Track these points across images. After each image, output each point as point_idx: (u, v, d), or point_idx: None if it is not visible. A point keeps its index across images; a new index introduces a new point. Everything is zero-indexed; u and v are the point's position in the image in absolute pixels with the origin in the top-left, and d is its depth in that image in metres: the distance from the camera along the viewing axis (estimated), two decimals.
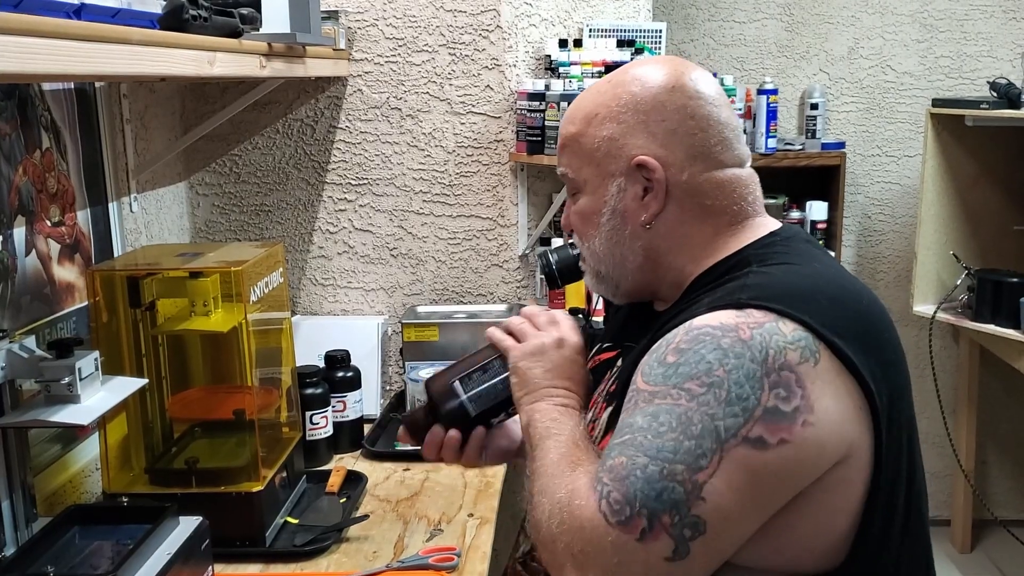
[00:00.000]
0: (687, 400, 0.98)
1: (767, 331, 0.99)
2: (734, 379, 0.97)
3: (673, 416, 0.98)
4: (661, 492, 0.96)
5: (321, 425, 2.13)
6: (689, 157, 1.16)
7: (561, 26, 2.61)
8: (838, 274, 1.13)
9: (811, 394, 0.97)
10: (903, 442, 1.07)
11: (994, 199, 3.32)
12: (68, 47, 1.03)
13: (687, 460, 0.96)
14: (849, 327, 1.03)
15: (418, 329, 2.37)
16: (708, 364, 0.98)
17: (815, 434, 0.97)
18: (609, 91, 1.20)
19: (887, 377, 1.05)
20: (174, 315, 1.80)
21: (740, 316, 1.01)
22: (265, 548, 1.73)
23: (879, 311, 1.12)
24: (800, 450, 0.97)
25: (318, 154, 2.57)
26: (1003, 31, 3.55)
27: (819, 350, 0.99)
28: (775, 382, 0.97)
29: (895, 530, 1.07)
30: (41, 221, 1.75)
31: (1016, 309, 2.93)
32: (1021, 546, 3.45)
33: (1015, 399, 3.70)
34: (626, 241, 1.19)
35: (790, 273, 1.09)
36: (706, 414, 0.97)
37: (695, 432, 0.96)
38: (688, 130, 1.16)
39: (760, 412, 0.96)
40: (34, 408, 1.43)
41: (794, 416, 0.97)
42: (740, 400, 0.96)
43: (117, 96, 2.08)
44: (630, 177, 1.17)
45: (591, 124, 1.19)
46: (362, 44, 2.50)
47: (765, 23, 3.61)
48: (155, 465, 1.80)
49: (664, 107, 1.16)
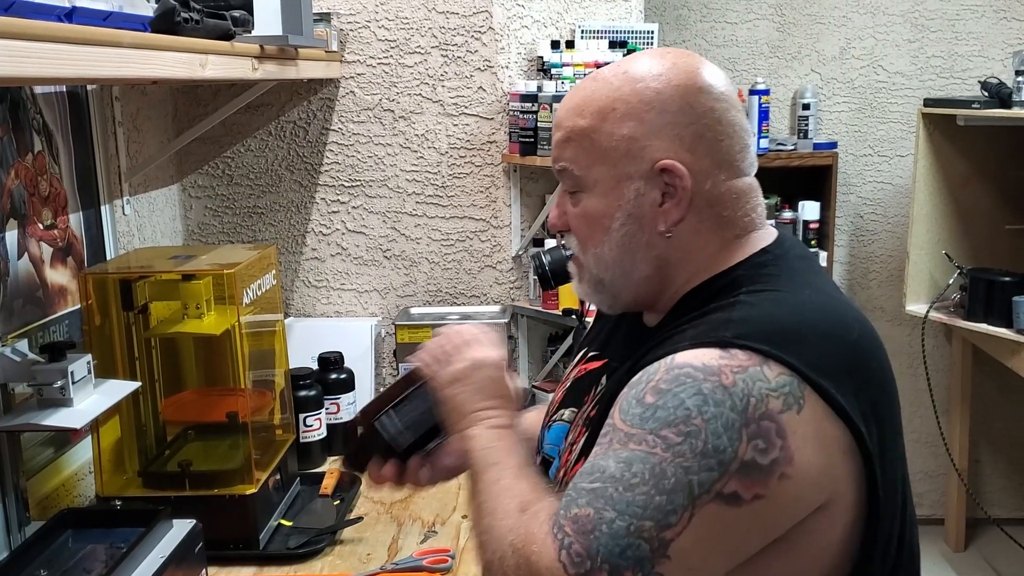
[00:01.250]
0: (662, 450, 0.94)
1: (750, 376, 0.95)
2: (712, 429, 0.93)
3: (647, 467, 0.94)
4: (626, 549, 0.93)
5: (315, 427, 2.13)
6: (715, 164, 1.09)
7: (553, 27, 2.61)
8: (829, 301, 1.08)
9: (791, 444, 0.94)
10: (897, 476, 1.05)
11: (986, 198, 3.33)
12: (59, 50, 1.03)
13: (656, 516, 0.93)
14: (838, 366, 0.99)
15: (412, 331, 2.37)
16: (687, 411, 0.94)
17: (792, 487, 0.94)
18: (627, 86, 1.10)
19: (877, 413, 1.01)
20: (167, 318, 1.79)
21: (724, 358, 0.97)
22: (259, 551, 1.73)
23: (870, 341, 1.06)
24: (774, 504, 0.95)
25: (311, 156, 2.57)
26: (994, 31, 3.56)
27: (804, 395, 0.95)
28: (754, 433, 0.93)
29: (890, 562, 1.05)
30: (33, 224, 1.75)
31: (1008, 308, 2.94)
32: (1015, 544, 3.46)
33: (1008, 398, 3.71)
34: (640, 249, 1.11)
35: (779, 304, 1.04)
36: (680, 466, 0.93)
37: (667, 487, 0.93)
38: (716, 136, 1.09)
39: (736, 466, 0.93)
40: (27, 412, 1.43)
41: (771, 469, 0.93)
42: (717, 452, 0.93)
43: (109, 99, 2.08)
44: (651, 181, 1.09)
45: (607, 120, 1.10)
46: (354, 46, 2.50)
47: (757, 24, 3.62)
48: (148, 468, 1.80)
49: (692, 109, 1.09)
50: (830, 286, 1.13)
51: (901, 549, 1.07)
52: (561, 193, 1.18)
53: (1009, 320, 2.94)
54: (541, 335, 2.69)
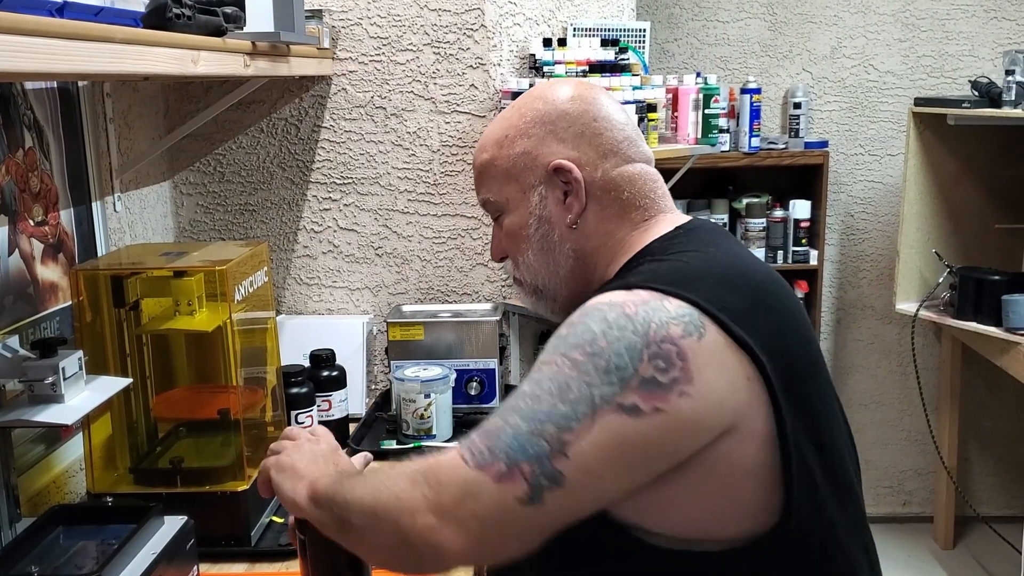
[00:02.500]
0: (569, 368, 1.02)
1: (651, 307, 1.04)
2: (614, 350, 1.01)
3: (554, 383, 1.02)
4: (526, 445, 0.99)
5: (306, 424, 2.13)
6: (600, 155, 1.23)
7: (545, 25, 2.61)
8: (733, 255, 1.18)
9: (692, 367, 1.01)
10: (811, 406, 1.10)
11: (976, 197, 3.35)
12: (50, 45, 1.03)
13: (558, 422, 0.99)
14: (738, 302, 1.07)
15: (403, 328, 2.37)
16: (592, 335, 1.02)
17: (692, 405, 1.00)
18: (514, 114, 1.27)
19: (784, 347, 1.08)
20: (158, 314, 1.79)
21: (628, 295, 1.06)
22: (251, 547, 1.72)
23: (775, 285, 1.16)
24: (675, 419, 1.00)
25: (302, 153, 2.56)
26: (984, 30, 3.58)
27: (704, 325, 1.03)
28: (655, 354, 1.00)
29: (819, 495, 1.08)
30: (24, 220, 1.74)
31: (998, 307, 2.95)
32: (1003, 542, 3.48)
33: (997, 396, 3.73)
34: (556, 246, 1.24)
35: (681, 259, 1.14)
36: (584, 382, 1.00)
37: (571, 398, 1.00)
38: (594, 131, 1.23)
39: (636, 382, 1.00)
40: (17, 408, 1.43)
41: (671, 386, 1.00)
42: (618, 370, 1.00)
43: (100, 95, 2.07)
44: (549, 183, 1.23)
45: (503, 147, 1.25)
46: (346, 43, 2.50)
47: (748, 22, 3.63)
48: (140, 465, 1.79)
49: (568, 114, 1.24)
50: (741, 248, 1.24)
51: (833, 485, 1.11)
52: (494, 227, 1.31)
53: (998, 319, 2.96)
54: (532, 333, 2.70)
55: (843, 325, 3.84)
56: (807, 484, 1.07)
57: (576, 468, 0.99)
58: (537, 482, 0.98)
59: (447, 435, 2.23)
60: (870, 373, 3.84)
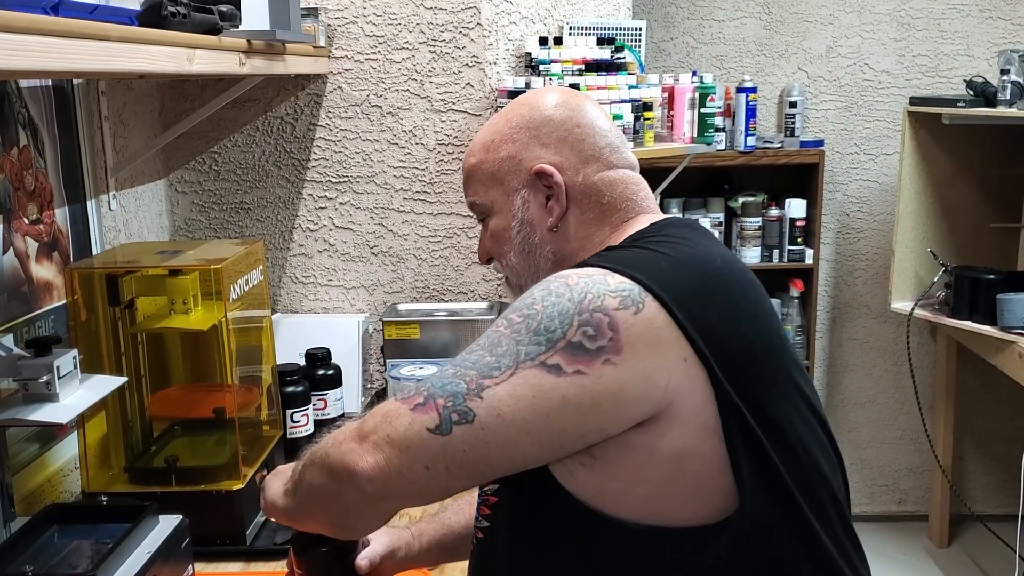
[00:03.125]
0: (504, 328, 1.08)
1: (593, 280, 1.07)
2: (547, 314, 1.06)
3: (488, 339, 1.09)
4: (445, 385, 1.06)
5: (302, 423, 2.13)
6: (581, 160, 1.25)
7: (541, 24, 2.61)
8: (696, 244, 1.18)
9: (622, 338, 1.03)
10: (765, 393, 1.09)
11: (971, 196, 3.35)
12: (45, 43, 1.02)
13: (481, 369, 1.05)
14: (686, 284, 1.09)
15: (399, 327, 2.37)
16: (532, 299, 1.08)
17: (616, 374, 1.02)
18: (501, 119, 1.30)
19: (735, 333, 1.09)
20: (153, 313, 1.79)
21: (575, 270, 1.11)
22: (246, 546, 1.72)
23: (734, 273, 1.17)
24: (596, 383, 1.02)
25: (298, 152, 2.56)
26: (979, 30, 3.58)
27: (644, 301, 1.05)
28: (585, 321, 1.04)
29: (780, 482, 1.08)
30: (19, 219, 1.74)
31: (992, 306, 2.96)
32: (998, 541, 3.49)
33: (992, 395, 3.73)
34: (536, 248, 1.27)
35: (639, 246, 1.17)
36: (513, 339, 1.06)
37: (498, 352, 1.06)
38: (577, 137, 1.26)
39: (563, 345, 1.04)
40: (12, 407, 1.42)
41: (596, 353, 1.03)
42: (547, 332, 1.04)
43: (95, 93, 2.07)
44: (532, 187, 1.26)
45: (489, 151, 1.29)
46: (342, 41, 2.50)
47: (744, 22, 3.63)
48: (135, 464, 1.79)
49: (552, 120, 1.27)
50: (709, 240, 1.25)
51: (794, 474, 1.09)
52: (482, 230, 1.34)
53: (993, 318, 2.96)
54: None
55: (838, 324, 3.84)
56: (759, 471, 1.07)
57: (487, 409, 1.03)
58: (447, 415, 1.04)
59: None
60: (865, 372, 3.84)
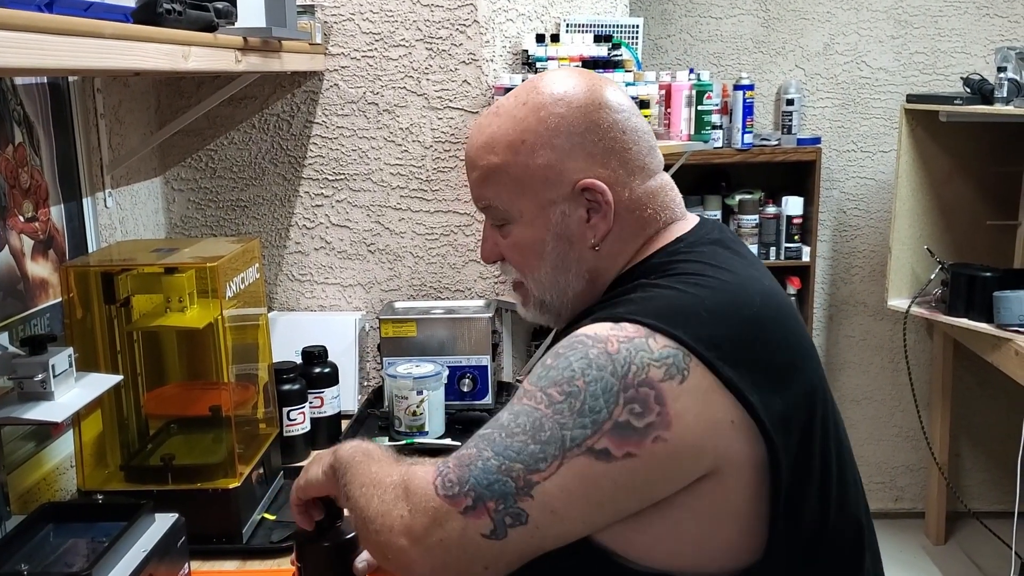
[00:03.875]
0: (545, 406, 1.01)
1: (635, 346, 1.01)
2: (591, 391, 0.99)
3: (529, 420, 1.01)
4: (493, 483, 1.00)
5: (298, 421, 2.13)
6: (628, 173, 1.16)
7: (538, 21, 2.61)
8: (733, 279, 1.10)
9: (670, 411, 0.99)
10: (811, 444, 1.07)
11: (967, 194, 3.35)
12: (40, 41, 1.02)
13: (527, 461, 1.00)
14: (729, 339, 1.02)
15: (396, 325, 2.37)
16: (572, 372, 1.01)
17: (666, 449, 0.99)
18: (531, 116, 1.15)
19: (780, 381, 1.04)
20: (149, 311, 1.78)
21: (614, 329, 1.03)
22: (242, 545, 1.72)
23: (774, 313, 1.10)
24: (647, 464, 0.99)
25: (294, 149, 2.56)
26: (976, 27, 3.58)
27: (689, 367, 1.00)
28: (631, 397, 0.99)
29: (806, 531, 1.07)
30: (14, 217, 1.73)
31: (989, 303, 2.96)
32: (995, 538, 3.49)
33: (988, 392, 3.74)
34: (573, 265, 1.18)
35: (675, 285, 1.08)
36: (557, 422, 1.00)
37: (542, 438, 1.00)
38: (623, 146, 1.15)
39: (609, 426, 0.98)
40: (7, 405, 1.42)
41: (645, 431, 0.98)
42: (592, 412, 0.99)
43: (91, 90, 2.06)
44: (573, 201, 1.15)
45: (519, 153, 1.15)
46: (338, 39, 2.49)
47: (741, 19, 3.63)
48: (131, 462, 1.79)
49: (598, 126, 1.14)
50: (742, 265, 1.15)
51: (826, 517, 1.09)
52: (487, 226, 1.24)
53: (990, 315, 2.96)
54: (525, 329, 2.69)
55: (835, 321, 3.85)
56: (795, 524, 1.05)
57: (540, 508, 1.00)
58: (501, 519, 1.00)
59: (439, 432, 2.23)
60: (862, 369, 3.85)
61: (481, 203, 1.22)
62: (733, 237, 1.23)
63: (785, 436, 1.03)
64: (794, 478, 1.04)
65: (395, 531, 1.05)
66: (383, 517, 1.06)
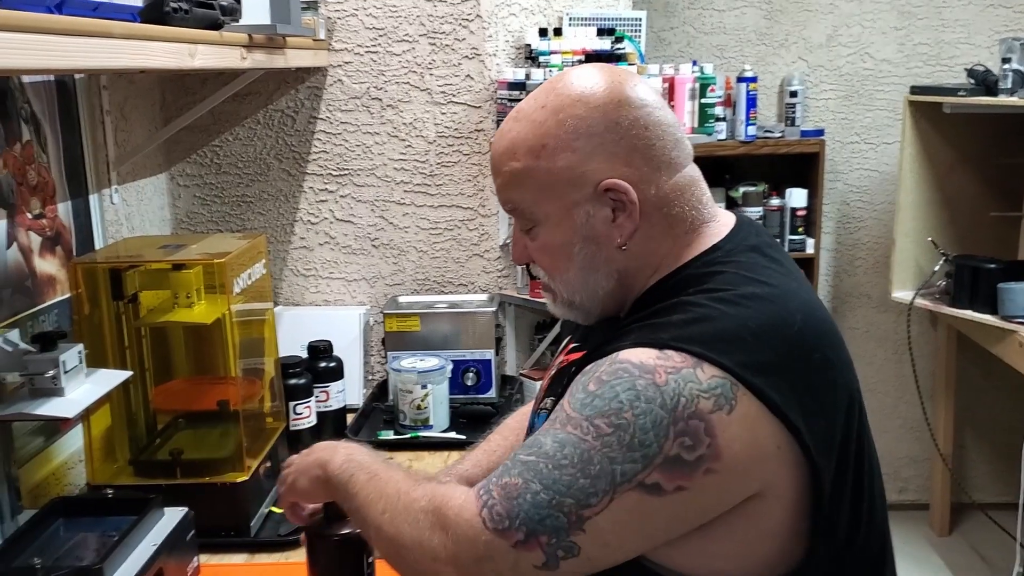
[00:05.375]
0: (593, 438, 1.00)
1: (683, 377, 1.00)
2: (640, 424, 0.98)
3: (577, 451, 1.00)
4: (545, 518, 0.99)
5: (305, 415, 2.14)
6: (654, 169, 1.14)
7: (541, 15, 2.61)
8: (773, 294, 1.09)
9: (720, 442, 0.98)
10: (848, 459, 1.08)
11: (971, 185, 3.35)
12: (50, 42, 1.03)
13: (578, 496, 0.99)
14: (774, 363, 1.02)
15: (400, 319, 2.38)
16: (620, 404, 1.00)
17: (717, 480, 0.99)
18: (550, 118, 1.14)
19: (825, 403, 1.05)
20: (157, 306, 1.80)
21: (660, 358, 1.02)
22: (250, 538, 1.73)
23: (815, 329, 1.09)
24: (698, 495, 1.00)
25: (299, 145, 2.57)
26: (980, 18, 3.58)
27: (736, 396, 0.99)
28: (682, 431, 0.98)
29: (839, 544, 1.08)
30: (22, 214, 1.75)
31: (993, 295, 2.96)
32: (999, 529, 3.50)
33: (992, 384, 3.74)
34: (601, 266, 1.16)
35: (717, 305, 1.06)
36: (607, 456, 0.99)
37: (592, 472, 0.99)
38: (647, 142, 1.13)
39: (660, 460, 0.98)
40: (18, 401, 1.43)
41: (696, 464, 0.98)
42: (642, 447, 0.98)
43: (97, 87, 2.07)
44: (598, 201, 1.13)
45: (540, 157, 1.13)
46: (342, 34, 2.50)
47: (744, 11, 3.63)
48: (139, 456, 1.80)
49: (618, 125, 1.12)
50: (781, 276, 1.14)
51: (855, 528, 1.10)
52: (516, 229, 1.23)
53: (994, 307, 2.97)
54: (528, 323, 2.70)
55: (839, 313, 3.85)
56: (830, 538, 1.07)
57: (592, 541, 1.00)
58: (553, 552, 1.00)
59: (444, 426, 2.24)
60: (866, 361, 3.85)
61: (508, 207, 1.21)
62: (770, 241, 1.21)
63: (827, 457, 1.04)
64: (832, 495, 1.05)
65: (439, 560, 1.03)
66: (420, 546, 1.05)
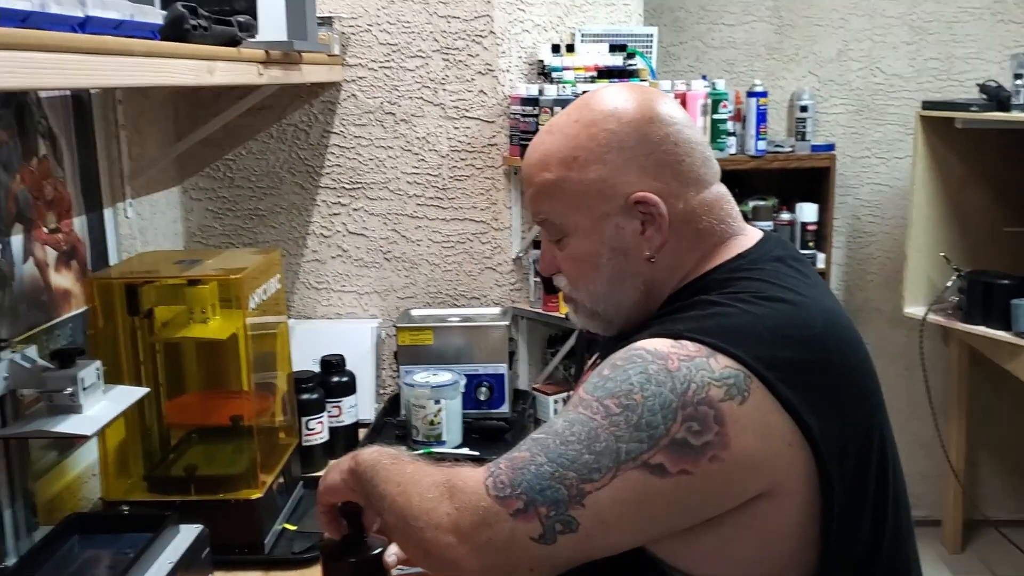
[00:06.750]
0: (601, 417, 1.01)
1: (695, 365, 1.01)
2: (648, 406, 1.00)
3: (585, 429, 1.02)
4: (545, 489, 1.01)
5: (317, 431, 2.14)
6: (682, 184, 1.16)
7: (554, 31, 2.62)
8: (796, 300, 1.10)
9: (729, 431, 0.99)
10: (867, 472, 1.08)
11: (983, 201, 3.34)
12: (74, 60, 1.03)
13: (580, 471, 1.00)
14: (788, 360, 1.03)
15: (412, 333, 2.38)
16: (630, 386, 1.01)
17: (722, 469, 0.99)
18: (582, 132, 1.17)
19: (840, 404, 1.05)
20: (172, 321, 1.79)
21: (674, 347, 1.03)
22: (264, 555, 1.73)
23: (836, 335, 1.10)
24: (702, 482, 1.00)
25: (312, 159, 2.57)
26: (992, 33, 3.58)
27: (749, 388, 1.00)
28: (690, 415, 0.99)
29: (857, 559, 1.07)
30: (38, 228, 1.75)
31: (1006, 310, 2.95)
32: (1012, 546, 3.48)
33: (1005, 400, 3.72)
34: (628, 278, 1.18)
35: (735, 304, 1.08)
36: (613, 434, 1.00)
37: (597, 448, 1.00)
38: (676, 158, 1.16)
39: (667, 442, 0.99)
40: (37, 418, 1.43)
41: (702, 450, 0.99)
42: (649, 427, 0.99)
43: (112, 102, 2.08)
44: (627, 214, 1.15)
45: (572, 168, 1.16)
46: (356, 50, 2.51)
47: (754, 26, 3.63)
48: (153, 472, 1.80)
49: (648, 139, 1.15)
50: (805, 285, 1.15)
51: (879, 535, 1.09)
52: (545, 239, 1.25)
53: (1007, 323, 2.96)
54: (541, 337, 2.70)
55: None
56: (847, 551, 1.06)
57: (591, 518, 1.00)
58: (551, 525, 1.00)
59: (457, 441, 2.23)
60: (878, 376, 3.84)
61: (538, 218, 1.23)
62: (797, 255, 1.22)
63: (841, 461, 1.04)
64: (849, 505, 1.05)
65: (441, 528, 1.04)
66: (427, 515, 1.06)
